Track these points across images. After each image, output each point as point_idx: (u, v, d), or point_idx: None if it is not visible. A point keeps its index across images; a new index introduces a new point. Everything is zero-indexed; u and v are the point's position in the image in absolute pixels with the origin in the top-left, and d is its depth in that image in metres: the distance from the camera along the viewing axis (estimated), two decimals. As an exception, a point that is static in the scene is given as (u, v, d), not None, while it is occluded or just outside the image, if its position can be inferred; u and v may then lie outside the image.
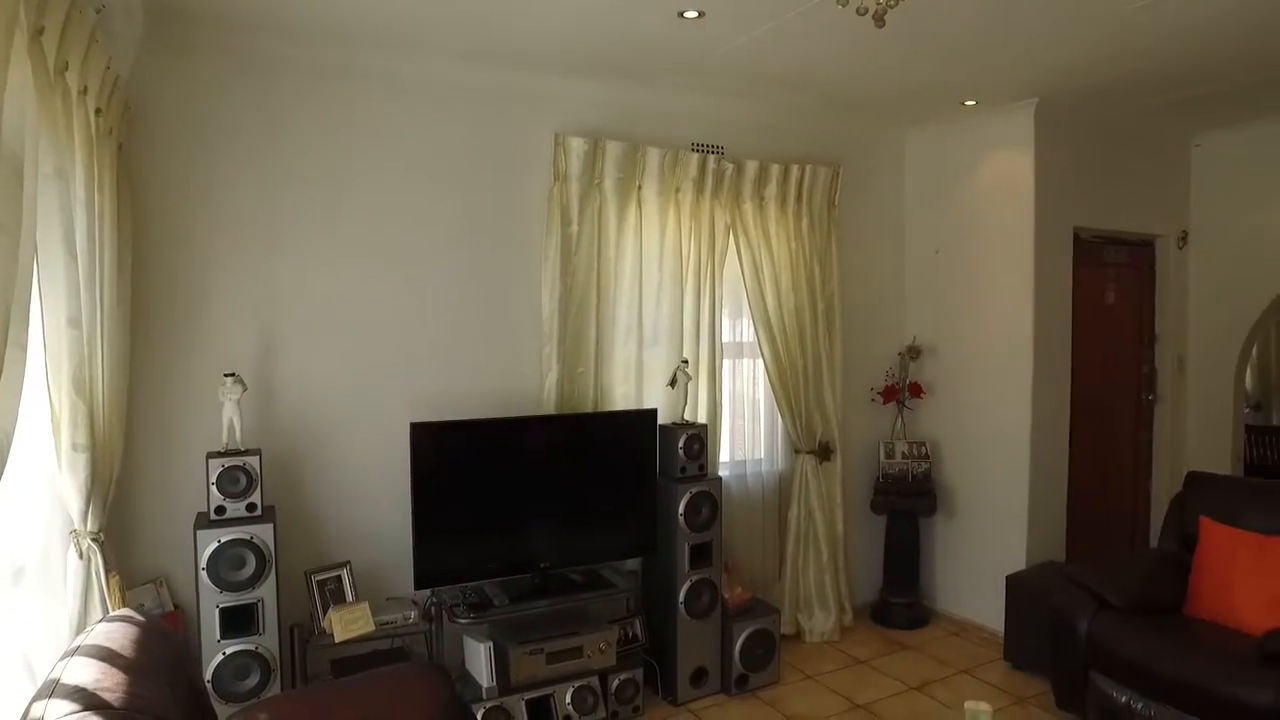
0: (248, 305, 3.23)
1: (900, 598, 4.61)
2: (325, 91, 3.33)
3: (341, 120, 3.37)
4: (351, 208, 3.39)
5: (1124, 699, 3.11)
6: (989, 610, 4.35)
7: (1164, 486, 4.84)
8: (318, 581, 3.16)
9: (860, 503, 4.69)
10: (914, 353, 4.67)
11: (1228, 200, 4.92)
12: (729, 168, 4.03)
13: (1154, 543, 4.34)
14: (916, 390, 4.64)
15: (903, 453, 4.60)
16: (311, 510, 3.36)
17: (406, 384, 3.49)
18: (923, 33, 3.22)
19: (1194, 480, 3.73)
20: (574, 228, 3.71)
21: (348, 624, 3.07)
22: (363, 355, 3.44)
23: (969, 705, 2.76)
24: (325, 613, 3.09)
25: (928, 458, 4.61)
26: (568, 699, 3.28)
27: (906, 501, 4.55)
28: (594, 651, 3.36)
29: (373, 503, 3.44)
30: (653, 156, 3.83)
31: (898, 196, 4.90)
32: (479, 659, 3.22)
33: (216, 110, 3.15)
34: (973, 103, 4.30)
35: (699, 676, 3.70)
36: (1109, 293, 4.84)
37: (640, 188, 3.85)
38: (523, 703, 3.20)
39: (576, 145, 3.66)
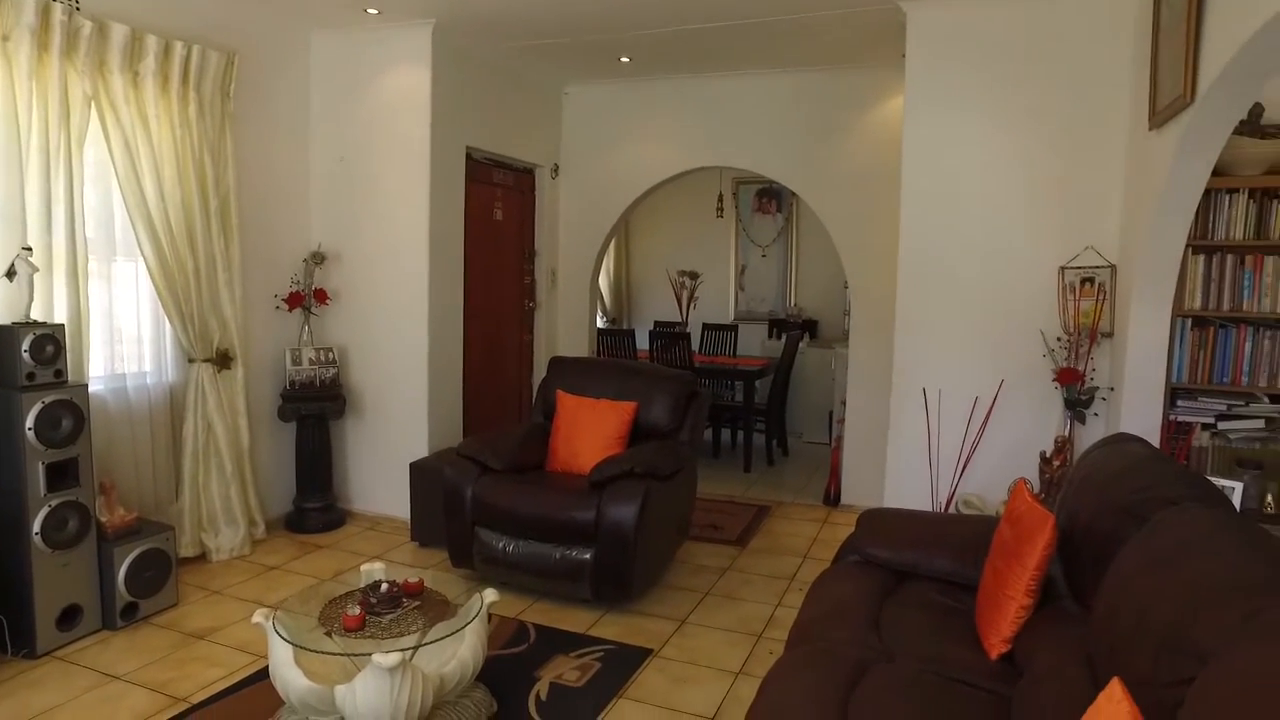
0: None
1: (314, 502, 4.65)
2: None
3: None
4: None
5: (499, 544, 3.67)
6: (399, 501, 4.66)
7: (541, 377, 5.71)
8: None
9: (267, 411, 4.56)
10: (319, 259, 4.64)
11: (588, 140, 5.94)
12: (86, 25, 3.42)
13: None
14: (322, 296, 4.65)
15: (310, 359, 4.59)
16: None
17: None
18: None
19: (554, 363, 4.50)
20: None
21: None
22: None
23: (364, 567, 2.95)
24: None
25: (335, 363, 4.68)
26: None
27: (315, 406, 4.57)
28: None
29: None
30: (-32, -9, 3.06)
31: (303, 98, 4.76)
32: None
33: None
34: (375, 12, 4.38)
35: (70, 617, 3.22)
36: (498, 210, 5.47)
37: (-49, 29, 3.05)
38: None
39: None
